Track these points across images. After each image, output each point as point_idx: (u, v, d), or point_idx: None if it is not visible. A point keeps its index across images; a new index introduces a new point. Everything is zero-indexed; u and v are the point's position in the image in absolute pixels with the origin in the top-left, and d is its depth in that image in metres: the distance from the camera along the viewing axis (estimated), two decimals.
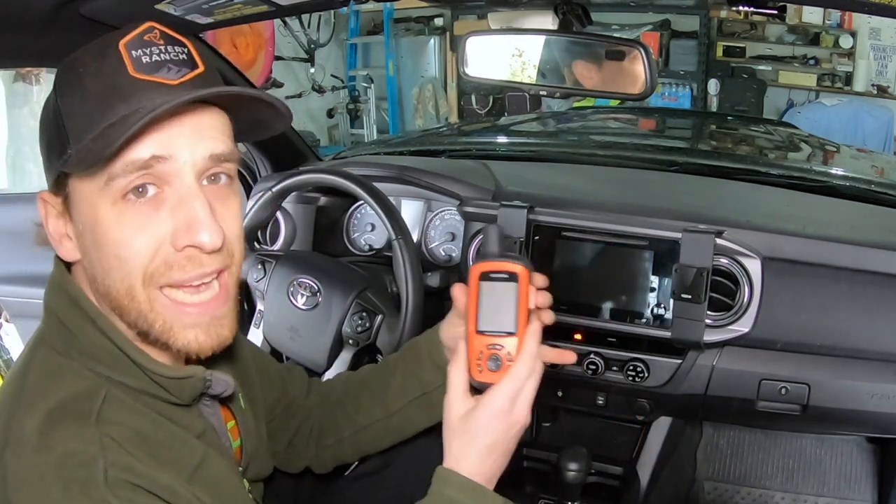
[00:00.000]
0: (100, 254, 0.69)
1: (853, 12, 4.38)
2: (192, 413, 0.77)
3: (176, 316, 0.70)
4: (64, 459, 0.63)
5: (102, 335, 0.71)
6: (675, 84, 5.26)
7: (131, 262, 0.67)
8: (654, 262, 1.27)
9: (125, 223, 0.67)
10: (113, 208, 0.67)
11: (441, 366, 0.96)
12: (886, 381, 1.23)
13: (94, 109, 0.66)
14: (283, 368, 1.07)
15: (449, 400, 0.80)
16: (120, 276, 0.68)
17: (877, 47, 4.94)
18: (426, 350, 0.99)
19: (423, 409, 1.00)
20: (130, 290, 0.68)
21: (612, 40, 1.23)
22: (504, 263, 0.77)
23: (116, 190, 0.66)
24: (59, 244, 0.72)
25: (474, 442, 0.77)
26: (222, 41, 4.13)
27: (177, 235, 0.68)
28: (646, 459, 1.57)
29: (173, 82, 0.67)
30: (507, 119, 2.79)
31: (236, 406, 0.87)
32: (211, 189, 0.70)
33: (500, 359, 0.77)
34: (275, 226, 1.58)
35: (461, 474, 0.77)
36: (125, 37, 0.67)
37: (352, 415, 1.03)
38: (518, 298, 0.77)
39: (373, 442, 1.05)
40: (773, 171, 1.68)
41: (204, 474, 0.72)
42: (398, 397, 1.00)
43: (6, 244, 1.75)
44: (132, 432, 0.67)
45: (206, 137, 0.69)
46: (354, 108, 5.98)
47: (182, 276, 0.69)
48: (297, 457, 1.06)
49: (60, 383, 0.68)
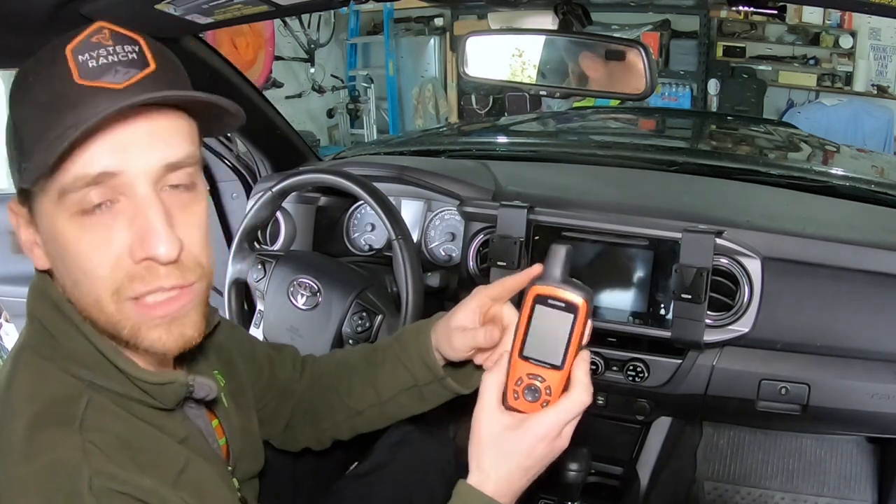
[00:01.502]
0: (65, 265, 0.68)
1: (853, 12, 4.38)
2: (176, 418, 0.76)
3: (142, 318, 0.68)
4: (48, 469, 0.62)
5: (85, 340, 0.70)
6: (675, 84, 5.26)
7: (94, 274, 0.66)
8: (654, 262, 1.27)
9: (83, 238, 0.65)
10: (70, 222, 0.65)
11: (430, 366, 0.95)
12: (886, 381, 1.23)
13: (44, 120, 0.64)
14: (271, 350, 1.05)
15: (482, 411, 0.77)
16: (86, 288, 0.67)
17: (877, 47, 4.94)
18: (415, 348, 0.96)
19: (416, 399, 0.99)
20: (98, 301, 0.67)
21: (612, 40, 1.23)
22: (566, 292, 0.71)
23: (70, 204, 0.64)
24: (31, 252, 0.72)
25: (511, 462, 0.75)
26: (222, 41, 4.13)
27: (133, 248, 0.65)
28: (646, 459, 1.57)
29: (118, 86, 0.64)
30: (507, 119, 2.79)
31: (219, 406, 0.86)
32: (171, 195, 0.68)
33: (539, 391, 0.74)
34: (275, 226, 1.58)
35: (484, 493, 0.75)
36: (73, 41, 0.65)
37: (345, 400, 1.02)
38: (572, 333, 0.72)
39: (368, 425, 1.04)
40: (773, 171, 1.68)
41: (188, 479, 0.71)
42: (389, 386, 0.99)
43: (6, 244, 1.75)
44: (115, 438, 0.67)
45: (158, 146, 0.66)
46: (354, 108, 5.98)
47: (144, 287, 0.67)
48: (294, 439, 1.06)
49: (43, 388, 0.68)
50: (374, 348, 1.04)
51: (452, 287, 1.47)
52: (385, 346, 1.02)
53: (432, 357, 0.94)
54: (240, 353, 0.97)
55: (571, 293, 0.72)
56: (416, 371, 0.96)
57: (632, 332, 1.30)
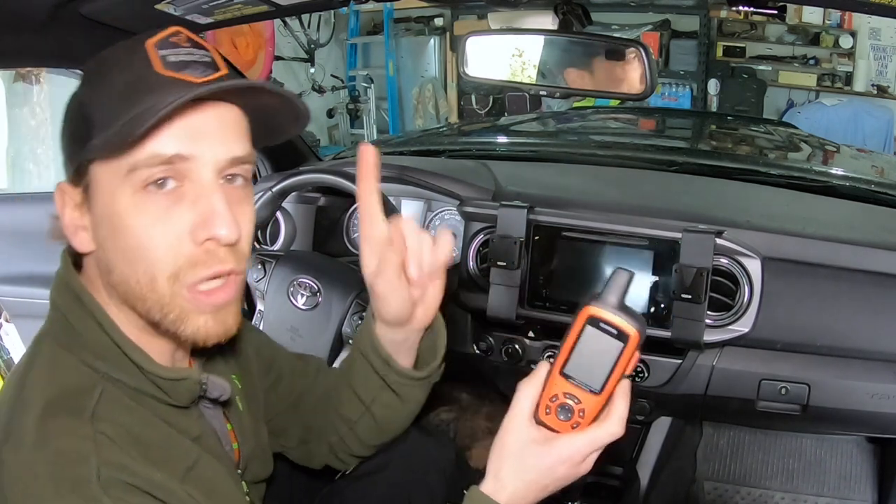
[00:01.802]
0: (119, 243, 0.69)
1: (853, 12, 4.38)
2: (191, 416, 0.77)
3: (193, 304, 0.70)
4: (57, 457, 0.63)
5: (103, 332, 0.71)
6: (675, 84, 5.26)
7: (153, 252, 0.68)
8: (654, 262, 1.27)
9: (145, 213, 0.68)
10: (133, 198, 0.68)
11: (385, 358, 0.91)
12: (886, 381, 1.23)
13: (121, 100, 0.67)
14: (296, 361, 1.04)
15: (512, 419, 0.76)
16: (143, 266, 0.69)
17: (877, 47, 4.94)
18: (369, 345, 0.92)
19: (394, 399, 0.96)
20: (153, 281, 0.69)
21: (612, 40, 1.23)
22: (621, 320, 0.70)
23: (138, 180, 0.67)
24: (74, 235, 0.73)
25: (529, 476, 0.75)
26: (222, 41, 4.13)
27: (196, 229, 0.68)
28: (646, 459, 1.57)
29: (197, 80, 0.68)
30: (507, 119, 2.79)
31: (233, 409, 0.87)
32: (227, 189, 0.71)
33: (573, 411, 0.73)
34: (275, 226, 1.58)
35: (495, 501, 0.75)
36: (153, 37, 0.69)
37: (339, 410, 1.01)
38: (618, 361, 0.71)
39: (372, 433, 1.02)
40: (773, 171, 1.68)
41: (197, 475, 0.72)
42: (366, 389, 0.97)
43: (6, 244, 1.75)
44: (126, 431, 0.68)
45: (228, 138, 0.71)
46: (354, 108, 5.98)
47: (206, 271, 0.70)
48: (313, 454, 1.05)
49: (60, 376, 0.69)
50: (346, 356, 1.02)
51: (452, 287, 1.47)
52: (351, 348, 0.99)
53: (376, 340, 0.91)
54: (258, 362, 0.97)
55: (626, 322, 0.70)
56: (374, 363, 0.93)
57: None
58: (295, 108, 0.75)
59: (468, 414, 1.83)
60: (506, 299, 1.34)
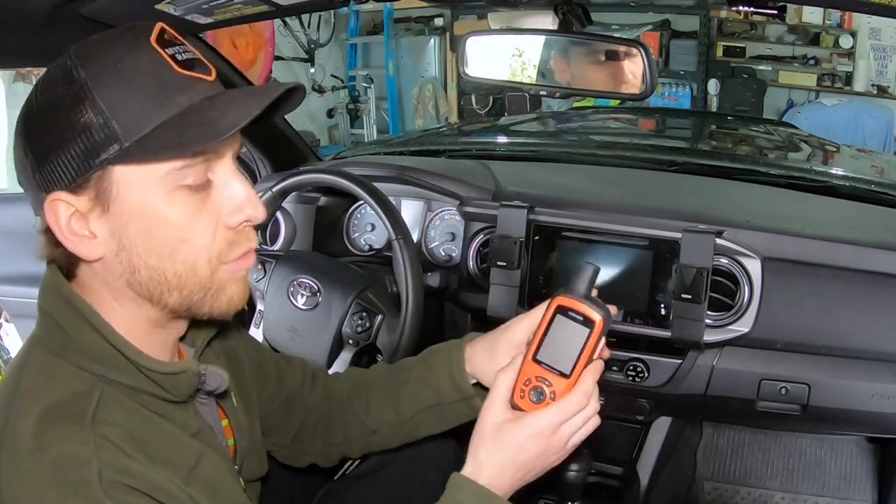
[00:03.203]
0: (155, 241, 0.70)
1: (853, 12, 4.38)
2: (188, 411, 0.77)
3: (230, 274, 0.74)
4: (58, 462, 0.63)
5: (97, 333, 0.71)
6: (675, 84, 5.26)
7: (196, 242, 0.71)
8: (654, 262, 1.27)
9: (183, 207, 0.69)
10: (170, 196, 0.69)
11: (460, 384, 0.95)
12: (886, 381, 1.23)
13: (150, 102, 0.67)
14: (281, 361, 1.06)
15: (489, 405, 0.80)
16: (183, 257, 0.71)
17: (877, 47, 4.94)
18: (446, 367, 0.97)
19: (436, 417, 0.99)
20: (193, 268, 0.71)
21: (612, 40, 1.23)
22: (586, 307, 0.76)
23: (174, 180, 0.68)
24: (80, 244, 0.70)
25: (502, 454, 0.78)
26: (222, 41, 4.13)
27: (230, 215, 0.72)
28: (646, 459, 1.57)
29: (209, 78, 0.70)
30: (507, 119, 2.79)
31: (228, 404, 0.87)
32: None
33: (545, 394, 0.78)
34: (275, 226, 1.58)
35: (477, 482, 0.77)
36: (151, 34, 0.68)
37: (361, 417, 1.02)
38: (585, 346, 0.77)
39: (382, 443, 1.04)
40: (773, 171, 1.68)
41: (200, 474, 0.72)
42: (411, 404, 0.99)
43: (6, 244, 1.75)
44: (127, 432, 0.67)
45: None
46: (354, 108, 5.98)
47: (243, 248, 0.74)
48: (302, 452, 1.06)
49: (55, 384, 0.68)
50: (398, 367, 1.04)
51: (452, 287, 1.47)
52: (410, 366, 1.02)
53: (464, 376, 0.96)
54: (249, 360, 0.98)
55: (591, 309, 0.76)
56: (442, 390, 0.97)
57: (632, 331, 1.30)
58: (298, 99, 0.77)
59: None
60: (506, 299, 1.34)
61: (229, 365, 0.91)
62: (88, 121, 0.66)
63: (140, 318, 0.74)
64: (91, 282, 0.73)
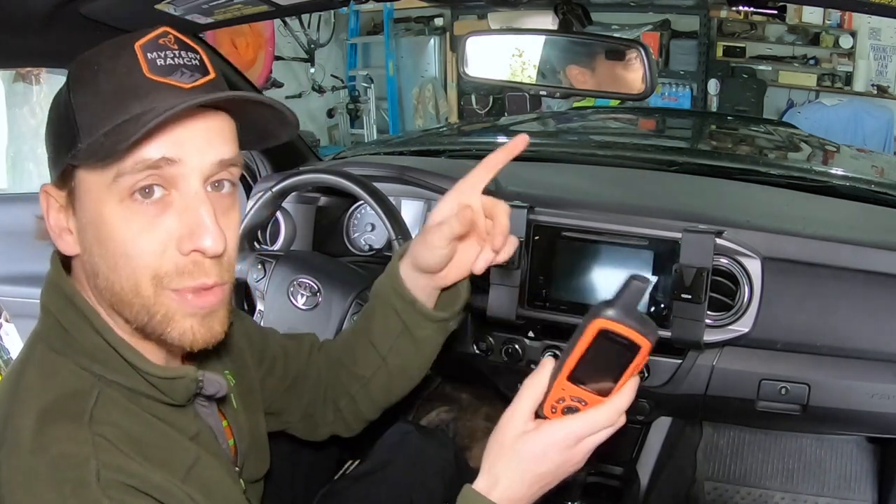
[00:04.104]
0: (104, 250, 0.69)
1: (853, 12, 4.38)
2: (188, 414, 0.77)
3: (179, 305, 0.70)
4: (57, 461, 0.63)
5: (97, 334, 0.71)
6: (675, 84, 5.26)
7: (137, 260, 0.68)
8: (654, 262, 1.27)
9: (131, 222, 0.68)
10: (119, 206, 0.68)
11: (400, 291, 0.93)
12: (886, 381, 1.23)
13: (108, 106, 0.67)
14: (288, 342, 1.04)
15: (511, 416, 0.76)
16: (126, 273, 0.69)
17: (877, 47, 4.94)
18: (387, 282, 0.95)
19: (410, 344, 0.97)
20: (136, 286, 0.69)
21: (612, 40, 1.23)
22: (635, 333, 0.69)
23: (124, 188, 0.67)
24: (59, 237, 0.73)
25: (521, 467, 0.74)
26: (222, 41, 4.13)
27: (182, 240, 0.68)
28: (646, 459, 1.57)
29: (186, 86, 0.68)
30: (507, 119, 2.79)
31: (228, 406, 0.87)
32: (214, 196, 0.71)
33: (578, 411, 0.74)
34: (275, 226, 1.58)
35: (488, 499, 0.74)
36: (141, 39, 0.68)
37: (352, 369, 1.01)
38: (627, 368, 0.71)
39: (384, 391, 1.02)
40: (773, 171, 1.68)
41: (197, 475, 0.72)
42: (383, 337, 0.97)
43: (6, 244, 1.75)
44: (125, 433, 0.68)
45: (215, 142, 0.70)
46: (354, 108, 5.98)
47: (191, 282, 0.70)
48: (317, 425, 1.05)
49: (55, 381, 0.69)
50: (362, 313, 1.03)
51: None
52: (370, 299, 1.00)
53: (399, 281, 0.93)
54: (251, 352, 0.98)
55: (639, 334, 0.69)
56: (396, 304, 0.94)
57: None
58: (281, 115, 0.74)
59: (468, 414, 1.83)
60: (506, 299, 1.34)
61: (232, 365, 0.91)
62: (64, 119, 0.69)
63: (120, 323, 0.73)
64: (81, 277, 0.74)
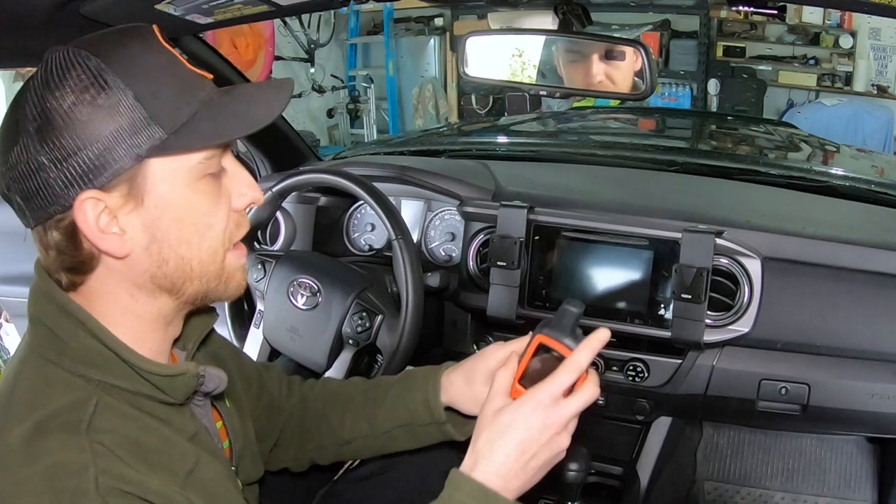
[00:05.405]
0: (183, 230, 0.72)
1: (853, 12, 4.38)
2: (185, 414, 0.77)
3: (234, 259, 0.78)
4: (53, 470, 0.62)
5: (93, 338, 0.70)
6: (675, 84, 5.26)
7: (217, 227, 0.75)
8: (654, 262, 1.27)
9: (209, 195, 0.74)
10: (197, 185, 0.72)
11: (434, 409, 0.97)
12: (886, 381, 1.23)
13: (178, 97, 0.70)
14: (259, 366, 1.07)
15: (490, 397, 0.81)
16: (207, 243, 0.74)
17: (877, 47, 4.94)
18: (422, 390, 0.99)
19: (409, 436, 1.01)
20: (214, 253, 0.75)
21: (612, 40, 1.23)
22: (563, 347, 0.82)
23: (202, 168, 0.72)
24: (109, 242, 0.69)
25: (504, 436, 0.77)
26: (222, 41, 4.13)
27: (238, 198, 0.77)
28: (646, 459, 1.57)
29: (209, 76, 0.75)
30: (507, 119, 2.79)
31: (222, 406, 0.87)
32: None
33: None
34: (275, 226, 1.58)
35: (474, 479, 0.76)
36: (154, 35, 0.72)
37: (336, 429, 1.03)
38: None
39: (354, 454, 1.06)
40: (773, 171, 1.68)
41: (198, 478, 0.72)
42: (385, 420, 1.01)
43: (6, 244, 1.75)
44: (124, 438, 0.67)
45: None
46: (354, 108, 5.98)
47: (243, 231, 0.78)
48: (276, 458, 1.06)
49: (51, 395, 0.67)
50: (376, 384, 1.05)
51: (452, 287, 1.47)
52: (388, 383, 1.03)
53: (438, 401, 0.97)
54: (234, 365, 0.98)
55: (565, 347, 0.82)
56: (417, 411, 0.98)
57: (632, 332, 1.30)
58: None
59: None
60: (506, 299, 1.34)
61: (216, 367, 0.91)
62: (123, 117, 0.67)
63: (149, 316, 0.74)
64: (102, 284, 0.72)
